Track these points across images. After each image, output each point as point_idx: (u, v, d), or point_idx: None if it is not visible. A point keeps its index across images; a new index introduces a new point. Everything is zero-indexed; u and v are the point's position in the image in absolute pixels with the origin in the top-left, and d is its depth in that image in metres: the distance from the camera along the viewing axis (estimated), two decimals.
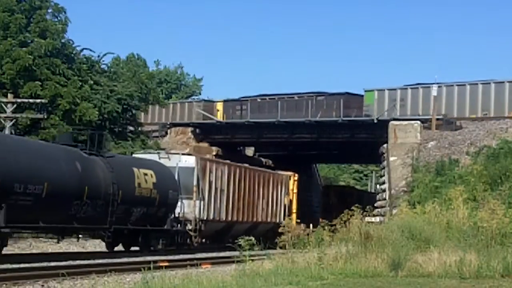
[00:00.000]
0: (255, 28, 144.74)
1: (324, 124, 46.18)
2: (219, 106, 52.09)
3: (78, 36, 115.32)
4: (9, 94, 36.50)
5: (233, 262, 19.98)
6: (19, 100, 36.39)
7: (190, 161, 31.81)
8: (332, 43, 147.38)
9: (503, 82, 41.81)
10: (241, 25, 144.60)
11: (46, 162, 22.09)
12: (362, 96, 45.76)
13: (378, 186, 44.27)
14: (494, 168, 33.19)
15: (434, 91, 42.51)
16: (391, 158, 39.55)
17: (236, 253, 19.29)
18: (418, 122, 40.66)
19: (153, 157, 31.07)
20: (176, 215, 29.61)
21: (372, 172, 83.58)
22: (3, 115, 35.49)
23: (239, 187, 35.11)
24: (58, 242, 26.92)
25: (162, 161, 30.73)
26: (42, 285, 16.24)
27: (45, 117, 36.70)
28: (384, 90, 44.66)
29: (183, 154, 32.97)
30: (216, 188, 32.99)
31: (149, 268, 14.96)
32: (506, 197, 30.33)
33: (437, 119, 40.97)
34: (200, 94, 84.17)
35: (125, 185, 25.46)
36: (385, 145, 40.91)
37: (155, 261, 18.11)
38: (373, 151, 43.34)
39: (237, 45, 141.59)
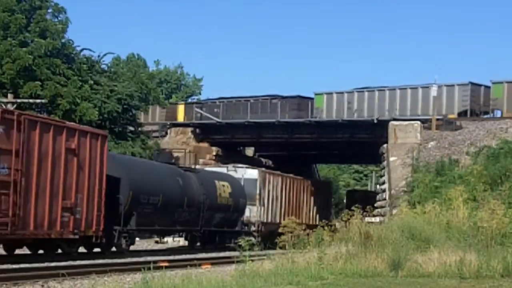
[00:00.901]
0: (255, 28, 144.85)
1: (324, 124, 46.19)
2: (181, 108, 53.86)
3: (78, 36, 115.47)
4: (9, 94, 36.49)
5: (233, 262, 19.98)
6: (19, 100, 36.39)
7: (253, 173, 38.92)
8: (332, 43, 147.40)
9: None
10: (241, 25, 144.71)
11: (160, 179, 28.61)
12: (313, 99, 48.12)
13: (378, 186, 44.27)
14: (494, 168, 33.17)
15: (434, 91, 42.54)
16: (391, 158, 39.55)
17: (236, 253, 19.31)
18: (418, 122, 40.66)
19: (223, 170, 37.47)
20: (243, 219, 35.83)
21: (372, 172, 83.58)
22: None
23: (288, 195, 42.81)
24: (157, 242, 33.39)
25: (230, 173, 37.17)
26: (42, 285, 16.25)
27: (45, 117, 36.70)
28: (332, 93, 46.91)
29: (247, 167, 39.63)
30: (272, 196, 40.37)
31: (149, 268, 14.96)
32: (506, 197, 30.31)
33: (437, 119, 40.98)
34: (200, 94, 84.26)
35: (210, 195, 32.14)
36: (385, 145, 40.90)
37: (155, 261, 18.11)
38: (373, 151, 43.33)
39: (237, 45, 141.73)
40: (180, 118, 52.35)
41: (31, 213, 21.58)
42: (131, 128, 44.04)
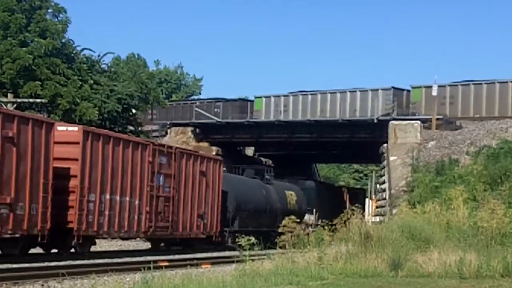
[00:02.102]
0: (255, 28, 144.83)
1: (324, 124, 46.19)
2: None
3: (78, 36, 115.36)
4: (9, 94, 36.49)
5: (233, 262, 19.98)
6: (19, 100, 36.39)
7: (311, 184, 49.08)
8: (332, 43, 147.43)
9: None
10: (241, 25, 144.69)
11: (252, 191, 36.63)
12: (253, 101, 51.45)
13: (378, 186, 44.33)
14: (494, 168, 33.18)
15: (434, 91, 42.55)
16: (391, 158, 39.56)
17: (236, 253, 19.30)
18: (418, 122, 40.67)
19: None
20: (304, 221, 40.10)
21: (372, 172, 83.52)
22: None
23: (334, 200, 48.98)
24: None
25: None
26: (42, 285, 16.25)
27: (45, 117, 36.68)
28: (270, 96, 49.90)
29: (306, 179, 49.21)
30: (323, 202, 47.04)
31: (149, 268, 14.96)
32: (506, 197, 30.31)
33: (437, 119, 40.99)
34: (200, 94, 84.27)
35: (283, 202, 38.93)
36: (385, 145, 40.91)
37: (155, 261, 18.11)
38: (373, 151, 43.34)
39: (237, 45, 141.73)
40: None
41: (180, 219, 29.39)
42: (131, 128, 44.04)
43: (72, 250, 24.56)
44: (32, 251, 24.67)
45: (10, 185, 21.00)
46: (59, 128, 23.56)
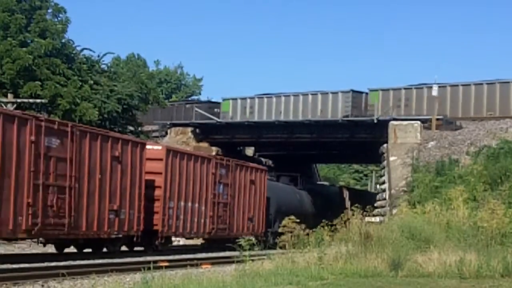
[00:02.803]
0: (256, 28, 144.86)
1: (324, 124, 46.17)
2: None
3: (78, 36, 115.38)
4: (9, 94, 36.48)
5: (233, 262, 19.98)
6: (19, 100, 36.38)
7: (336, 188, 56.46)
8: (332, 43, 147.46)
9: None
10: (241, 25, 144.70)
11: (288, 196, 42.21)
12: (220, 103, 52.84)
13: (378, 186, 44.32)
14: (494, 168, 33.17)
15: (434, 91, 42.53)
16: (391, 158, 39.54)
17: (236, 253, 19.30)
18: (418, 122, 40.65)
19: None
20: None
21: (372, 172, 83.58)
22: None
23: (352, 201, 48.84)
24: None
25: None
26: (42, 285, 16.25)
27: (45, 117, 36.65)
28: (236, 99, 51.26)
29: (331, 185, 55.54)
30: (343, 203, 50.31)
31: (149, 268, 14.96)
32: (506, 197, 30.32)
33: (437, 119, 40.98)
34: (200, 94, 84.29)
35: (312, 206, 45.10)
36: (385, 145, 40.88)
37: (155, 261, 18.11)
38: (373, 151, 43.32)
39: (237, 45, 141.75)
40: None
41: (235, 222, 33.71)
42: (131, 128, 44.03)
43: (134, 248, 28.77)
44: (32, 251, 24.66)
45: (116, 195, 25.67)
46: (147, 147, 28.13)
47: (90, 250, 26.31)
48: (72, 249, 26.22)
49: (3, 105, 35.62)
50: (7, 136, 20.76)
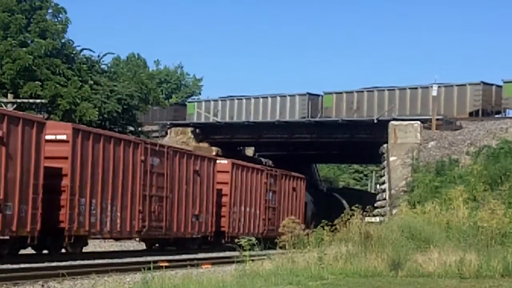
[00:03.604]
0: (256, 28, 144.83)
1: (324, 124, 46.19)
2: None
3: (78, 36, 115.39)
4: (9, 94, 36.48)
5: (233, 262, 19.98)
6: (19, 100, 36.38)
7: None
8: (332, 43, 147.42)
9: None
10: (241, 25, 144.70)
11: (318, 199, 50.12)
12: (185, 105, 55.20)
13: (378, 186, 44.32)
14: (494, 168, 33.14)
15: (434, 91, 42.53)
16: (391, 158, 39.53)
17: (236, 253, 19.30)
18: (418, 122, 40.63)
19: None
20: None
21: (372, 172, 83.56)
22: None
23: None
24: None
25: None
26: (42, 285, 16.25)
27: (45, 117, 36.65)
28: (202, 101, 54.09)
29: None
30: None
31: (149, 268, 14.95)
32: (506, 197, 30.29)
33: (437, 119, 40.97)
34: (200, 94, 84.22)
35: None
36: (385, 145, 40.87)
37: (155, 261, 18.10)
38: (373, 151, 43.32)
39: (237, 45, 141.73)
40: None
41: (280, 223, 33.39)
42: (131, 128, 44.02)
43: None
44: (33, 251, 24.66)
45: (196, 202, 31.23)
46: (217, 161, 33.77)
47: (174, 248, 30.74)
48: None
49: (3, 105, 35.62)
50: (126, 157, 26.31)
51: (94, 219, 24.78)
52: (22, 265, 19.61)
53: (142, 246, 33.43)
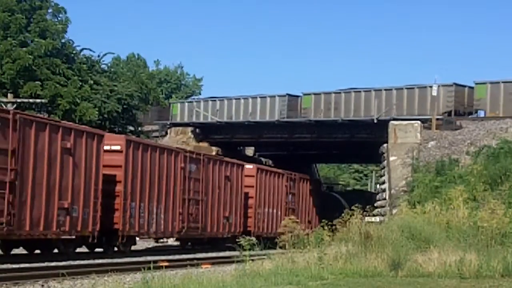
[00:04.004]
0: (255, 28, 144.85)
1: (324, 124, 46.18)
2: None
3: (78, 36, 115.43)
4: (9, 94, 36.48)
5: (233, 262, 19.98)
6: (19, 100, 36.37)
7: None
8: (332, 43, 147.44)
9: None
10: (241, 25, 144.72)
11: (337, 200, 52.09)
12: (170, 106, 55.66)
13: (378, 186, 44.31)
14: (494, 168, 33.13)
15: (434, 91, 42.51)
16: (391, 158, 39.52)
17: (236, 253, 19.30)
18: (418, 122, 40.62)
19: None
20: None
21: (372, 172, 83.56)
22: None
23: None
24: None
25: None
26: (42, 285, 16.25)
27: (45, 117, 36.64)
28: (185, 103, 54.97)
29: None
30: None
31: (149, 268, 14.95)
32: (506, 197, 30.29)
33: (437, 119, 40.96)
34: (200, 94, 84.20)
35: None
36: (385, 145, 40.85)
37: (155, 261, 18.10)
38: (373, 151, 43.30)
39: (237, 45, 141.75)
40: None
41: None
42: (131, 128, 44.01)
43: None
44: (37, 251, 24.66)
45: (227, 205, 34.35)
46: (246, 166, 37.15)
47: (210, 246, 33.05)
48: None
49: (3, 105, 35.62)
50: (169, 165, 29.21)
51: (143, 220, 27.67)
52: (22, 265, 19.61)
53: (142, 244, 33.45)
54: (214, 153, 47.34)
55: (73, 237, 24.26)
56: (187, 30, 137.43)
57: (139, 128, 45.43)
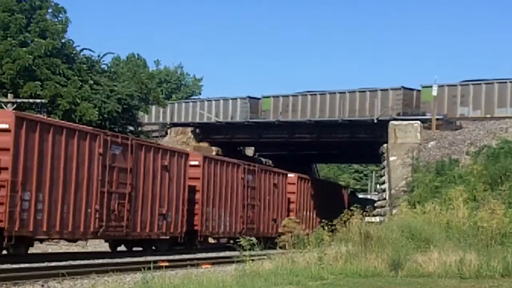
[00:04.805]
0: (255, 28, 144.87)
1: (324, 124, 46.19)
2: None
3: (78, 36, 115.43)
4: (9, 94, 36.44)
5: (233, 262, 19.99)
6: (19, 100, 36.34)
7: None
8: (331, 43, 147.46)
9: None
10: (241, 25, 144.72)
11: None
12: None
13: (378, 186, 44.33)
14: (494, 168, 33.13)
15: (434, 91, 42.52)
16: (391, 158, 39.53)
17: (236, 253, 19.30)
18: (418, 122, 40.64)
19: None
20: None
21: (372, 172, 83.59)
22: None
23: None
24: None
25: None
26: (42, 285, 16.25)
27: (45, 117, 36.62)
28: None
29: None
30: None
31: (149, 268, 14.95)
32: (506, 197, 30.29)
33: (437, 119, 40.96)
34: (200, 94, 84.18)
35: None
36: (385, 145, 40.86)
37: (155, 261, 18.10)
38: (373, 151, 43.32)
39: (237, 45, 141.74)
40: None
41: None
42: (131, 128, 43.99)
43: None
44: (32, 251, 24.66)
45: (274, 209, 38.99)
46: (289, 175, 41.43)
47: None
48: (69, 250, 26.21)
49: (3, 105, 35.61)
50: (232, 177, 34.62)
51: (215, 223, 32.91)
52: (22, 265, 19.61)
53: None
54: (214, 153, 47.40)
55: (167, 237, 30.13)
56: (187, 30, 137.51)
57: (139, 128, 45.41)
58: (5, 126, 21.26)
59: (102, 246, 31.55)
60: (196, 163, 31.76)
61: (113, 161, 25.56)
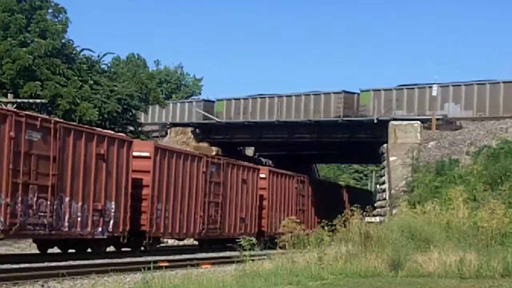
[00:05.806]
0: (255, 28, 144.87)
1: (324, 124, 46.18)
2: None
3: (78, 36, 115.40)
4: (9, 94, 36.43)
5: (233, 262, 19.98)
6: (19, 100, 36.33)
7: None
8: (331, 43, 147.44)
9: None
10: (241, 25, 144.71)
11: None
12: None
13: (378, 186, 44.30)
14: (494, 168, 33.14)
15: (434, 91, 42.50)
16: (391, 158, 39.52)
17: (236, 253, 19.30)
18: (418, 122, 40.63)
19: None
20: None
21: (372, 172, 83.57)
22: None
23: None
24: None
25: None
26: (42, 285, 16.25)
27: (45, 116, 36.58)
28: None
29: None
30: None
31: (149, 268, 14.95)
32: (506, 197, 30.30)
33: (437, 119, 40.95)
34: (200, 94, 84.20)
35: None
36: (385, 145, 40.85)
37: (155, 261, 18.10)
38: (373, 151, 43.31)
39: (237, 45, 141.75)
40: None
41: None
42: (131, 128, 43.97)
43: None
44: (32, 251, 24.65)
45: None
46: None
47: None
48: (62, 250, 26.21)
49: (3, 105, 35.59)
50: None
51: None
52: (22, 265, 19.61)
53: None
54: (214, 153, 47.38)
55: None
56: (187, 30, 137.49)
57: (139, 128, 45.39)
58: (147, 154, 27.96)
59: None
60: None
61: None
